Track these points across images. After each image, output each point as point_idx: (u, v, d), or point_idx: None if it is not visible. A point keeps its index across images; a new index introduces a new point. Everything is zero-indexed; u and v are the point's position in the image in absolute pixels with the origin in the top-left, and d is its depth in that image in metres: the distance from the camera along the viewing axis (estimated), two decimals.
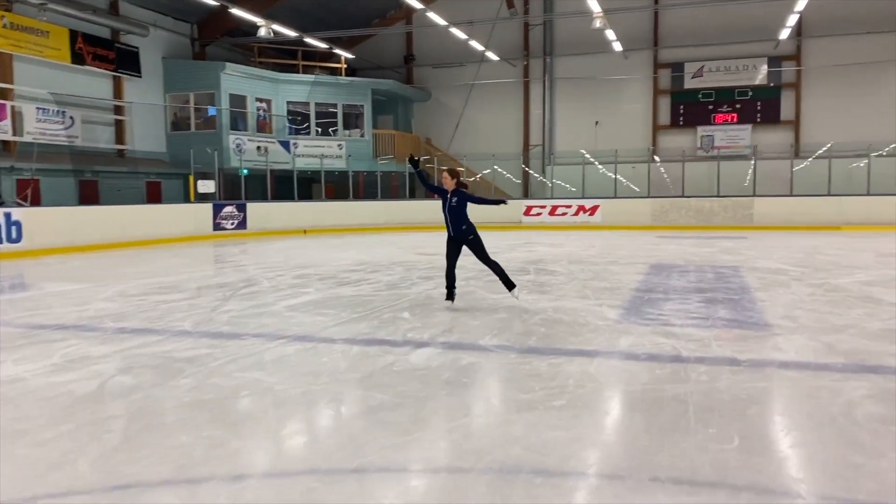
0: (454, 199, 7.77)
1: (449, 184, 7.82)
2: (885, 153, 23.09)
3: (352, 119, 26.47)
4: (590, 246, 16.76)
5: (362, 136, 26.43)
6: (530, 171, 28.94)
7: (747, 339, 6.10)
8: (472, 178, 28.06)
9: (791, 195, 23.04)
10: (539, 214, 25.24)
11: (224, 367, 5.31)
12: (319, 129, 26.03)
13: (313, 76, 25.76)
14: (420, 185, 8.24)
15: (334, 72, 26.87)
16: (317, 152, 25.19)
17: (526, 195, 28.56)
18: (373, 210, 25.14)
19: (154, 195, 22.77)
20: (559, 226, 24.57)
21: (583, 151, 26.27)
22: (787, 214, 22.50)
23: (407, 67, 30.01)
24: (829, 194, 22.50)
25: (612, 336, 6.31)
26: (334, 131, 26.21)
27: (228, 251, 17.28)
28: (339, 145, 25.76)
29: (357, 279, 10.67)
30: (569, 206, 25.03)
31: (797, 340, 5.95)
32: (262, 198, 24.28)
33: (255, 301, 8.65)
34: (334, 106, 25.91)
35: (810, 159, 24.52)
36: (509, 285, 7.93)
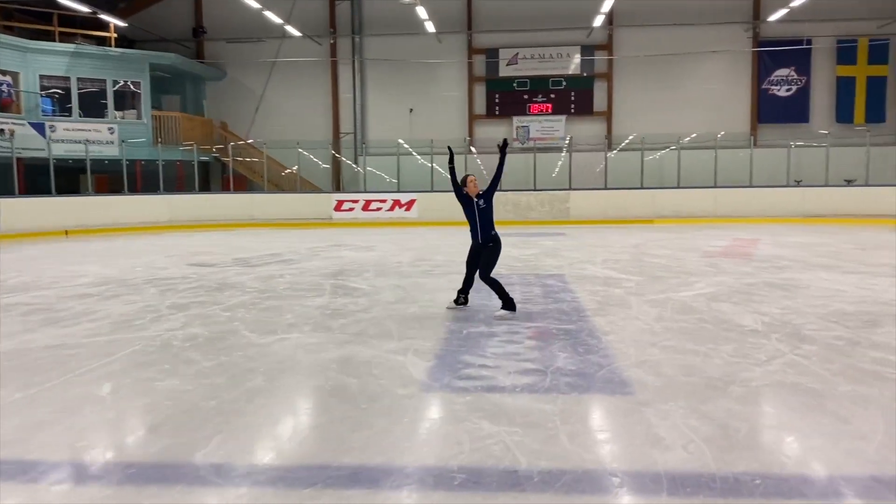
0: (481, 202, 7.10)
1: (474, 189, 7.11)
2: (686, 143, 23.24)
3: (126, 98, 22.47)
4: (404, 248, 14.74)
5: (139, 118, 22.51)
6: (343, 159, 26.48)
7: (607, 418, 4.20)
8: (284, 172, 25.12)
9: (605, 188, 22.59)
10: (351, 210, 22.97)
11: None
12: (84, 110, 21.77)
13: (73, 45, 21.42)
14: (450, 181, 7.33)
15: (102, 42, 22.66)
16: (80, 137, 21.01)
17: (338, 188, 26.11)
18: (152, 206, 21.49)
19: None
20: (373, 222, 22.47)
21: (401, 141, 24.27)
22: (602, 208, 22.00)
23: (197, 41, 26.28)
24: (641, 187, 22.28)
25: (415, 422, 4.16)
26: (104, 112, 22.06)
27: None
28: (109, 129, 21.70)
29: (80, 312, 7.73)
30: (383, 201, 23.00)
31: (674, 417, 4.13)
32: (9, 192, 19.77)
33: None
34: (102, 82, 21.77)
35: (615, 150, 24.33)
36: (509, 305, 7.18)
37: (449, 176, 7.25)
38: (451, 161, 7.36)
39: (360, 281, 9.97)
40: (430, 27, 23.07)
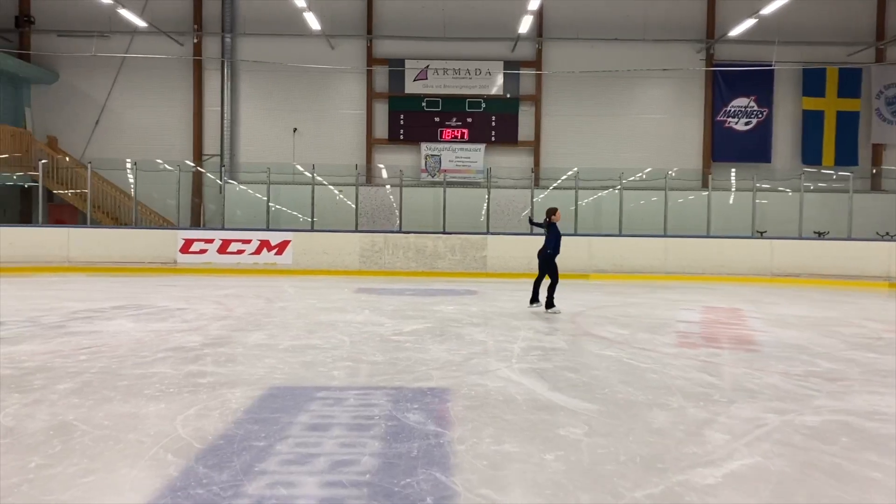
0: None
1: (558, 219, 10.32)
2: (630, 181, 19.01)
3: None
4: (225, 315, 9.55)
5: None
6: (219, 183, 21.04)
7: None
8: (140, 205, 19.54)
9: (532, 234, 17.95)
10: (204, 251, 17.63)
11: None
12: None
13: None
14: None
15: None
16: None
17: (199, 223, 20.68)
18: None
19: None
20: (231, 269, 17.24)
21: (297, 165, 19.17)
22: (526, 258, 17.35)
23: (21, 32, 20.62)
24: (575, 233, 17.78)
25: None
26: None
27: None
28: None
29: None
30: (247, 241, 17.75)
31: None
32: None
33: None
34: None
35: (546, 190, 19.93)
36: (548, 304, 9.92)
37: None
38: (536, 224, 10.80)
39: (23, 401, 4.73)
40: (315, 24, 18.24)
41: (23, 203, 20.27)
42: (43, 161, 17.86)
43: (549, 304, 9.94)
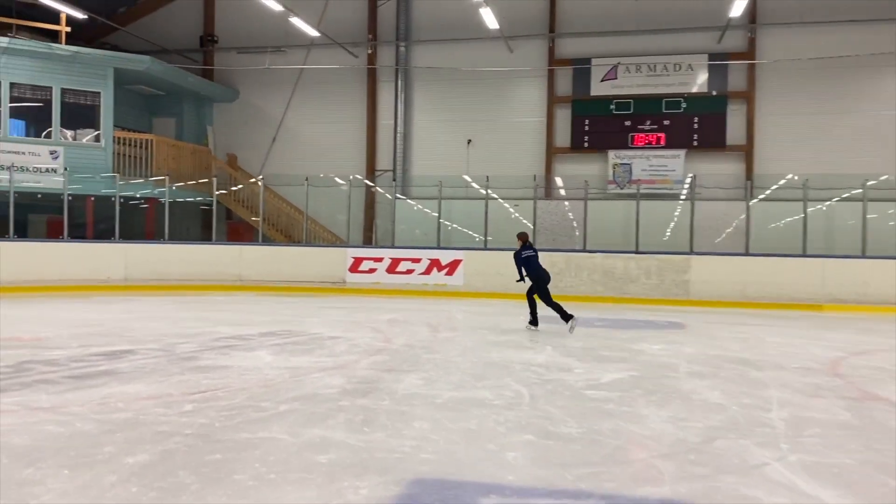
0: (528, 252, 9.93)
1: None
2: (876, 187, 15.41)
3: (82, 113, 17.01)
4: (383, 343, 8.01)
5: (98, 140, 17.00)
6: (385, 199, 20.09)
7: None
8: (307, 222, 19.10)
9: (747, 254, 14.98)
10: (373, 271, 16.54)
11: None
12: (21, 127, 16.56)
13: (6, 39, 16.08)
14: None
15: (55, 37, 17.44)
16: (8, 161, 15.62)
17: (371, 241, 19.78)
18: (106, 257, 15.76)
19: None
20: (399, 290, 15.98)
21: (470, 181, 17.84)
22: (740, 284, 14.49)
23: (205, 52, 20.97)
24: (804, 254, 14.57)
25: None
26: (46, 132, 16.67)
27: None
28: (52, 153, 16.26)
29: None
30: (417, 261, 16.43)
31: None
32: None
33: None
34: (46, 90, 16.37)
35: (760, 197, 16.75)
36: (566, 318, 9.41)
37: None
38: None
39: (63, 486, 3.22)
40: (493, 23, 16.63)
41: (204, 221, 20.49)
42: (216, 178, 17.75)
43: (565, 316, 9.60)
